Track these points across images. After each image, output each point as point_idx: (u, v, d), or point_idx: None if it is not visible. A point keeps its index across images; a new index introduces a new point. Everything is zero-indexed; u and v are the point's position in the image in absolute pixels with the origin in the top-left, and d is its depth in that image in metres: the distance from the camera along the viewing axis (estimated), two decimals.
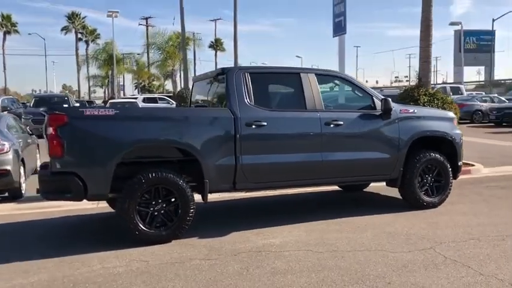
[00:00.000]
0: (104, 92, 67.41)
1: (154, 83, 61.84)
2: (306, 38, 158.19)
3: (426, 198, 6.65)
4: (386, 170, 6.40)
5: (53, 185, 5.00)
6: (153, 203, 5.23)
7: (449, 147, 6.83)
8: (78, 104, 23.76)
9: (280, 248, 5.00)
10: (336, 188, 8.01)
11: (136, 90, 64.13)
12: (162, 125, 5.30)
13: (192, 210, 5.35)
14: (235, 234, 5.55)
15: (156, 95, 33.05)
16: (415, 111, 6.66)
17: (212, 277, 4.25)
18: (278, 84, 6.37)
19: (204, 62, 46.14)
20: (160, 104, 28.20)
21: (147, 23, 58.90)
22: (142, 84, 56.47)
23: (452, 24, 34.85)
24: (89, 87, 59.83)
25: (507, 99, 24.82)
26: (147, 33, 57.87)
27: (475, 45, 62.18)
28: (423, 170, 6.61)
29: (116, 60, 35.38)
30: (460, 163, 6.92)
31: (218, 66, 29.75)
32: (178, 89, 34.71)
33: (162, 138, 5.30)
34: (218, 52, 65.21)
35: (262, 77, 5.95)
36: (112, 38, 37.71)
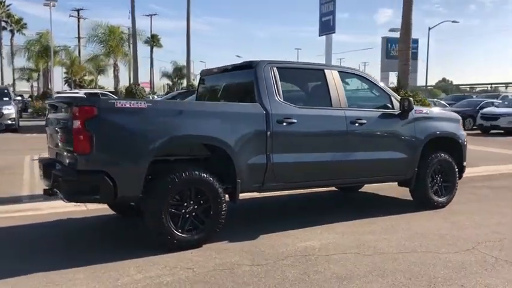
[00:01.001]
0: (32, 86, 63.44)
1: (85, 77, 59.09)
2: (239, 39, 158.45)
3: (436, 198, 6.70)
4: (403, 170, 6.37)
5: (79, 186, 4.41)
6: (185, 204, 4.81)
7: (456, 148, 6.93)
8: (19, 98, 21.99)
9: (324, 251, 4.77)
10: (332, 188, 7.90)
11: (66, 84, 61.04)
12: (196, 120, 4.88)
13: (224, 212, 4.98)
14: (265, 237, 5.24)
15: (97, 91, 31.41)
16: (428, 112, 6.69)
17: (275, 284, 3.93)
18: (303, 80, 6.12)
19: (140, 58, 44.52)
20: None
21: (78, 15, 56.26)
22: (73, 79, 53.70)
23: (391, 30, 36.33)
24: (14, 80, 55.82)
25: (448, 104, 26.16)
26: (78, 25, 55.29)
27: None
28: (434, 170, 6.66)
29: (52, 53, 33.15)
30: (464, 163, 7.05)
31: (155, 63, 28.76)
32: (122, 84, 33.31)
33: (195, 134, 4.88)
34: (155, 48, 63.53)
35: (288, 72, 5.68)
36: (49, 29, 35.37)
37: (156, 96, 38.35)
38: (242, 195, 5.19)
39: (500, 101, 23.85)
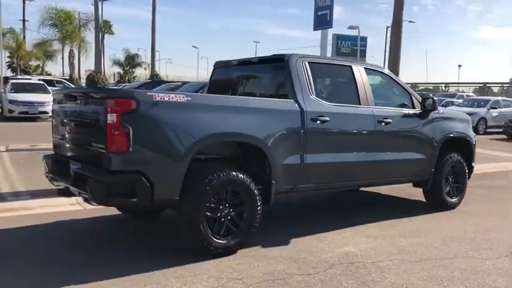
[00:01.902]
0: None
1: (31, 63, 56.13)
2: (192, 29, 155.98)
3: (449, 199, 6.65)
4: (422, 171, 6.25)
5: (113, 187, 3.92)
6: (220, 207, 4.43)
7: (466, 148, 6.90)
8: None
9: (368, 258, 4.53)
10: None
11: (10, 69, 57.67)
12: (236, 116, 4.50)
13: (259, 215, 4.65)
14: (297, 241, 4.95)
15: (53, 78, 29.71)
16: (444, 112, 6.61)
17: None
18: (332, 76, 5.83)
19: (89, 45, 42.53)
20: (58, 88, 25.42)
21: None
22: (18, 63, 50.75)
23: (350, 28, 36.65)
24: None
25: None
26: (23, 7, 52.35)
27: (350, 50, 66.71)
28: (448, 171, 6.60)
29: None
30: (473, 164, 7.05)
31: (106, 50, 27.38)
32: (77, 72, 31.67)
33: (236, 132, 4.49)
34: (106, 35, 61.09)
35: (318, 67, 5.37)
36: None
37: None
38: None
39: (461, 101, 24.66)
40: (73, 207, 6.26)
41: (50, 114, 19.06)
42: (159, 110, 4.02)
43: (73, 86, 26.92)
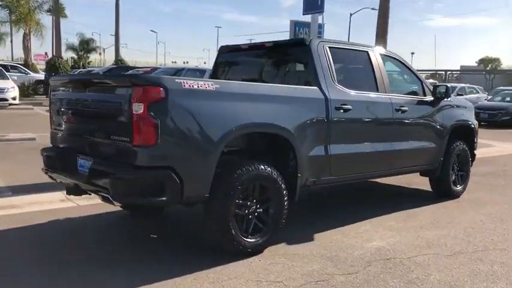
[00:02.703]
0: None
1: None
2: (143, 12, 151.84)
3: (455, 188, 6.57)
4: (433, 159, 6.12)
5: (140, 185, 3.50)
6: (248, 204, 4.10)
7: (470, 136, 6.82)
8: None
9: (401, 253, 4.33)
10: None
11: None
12: (265, 105, 4.15)
13: (286, 211, 4.35)
14: (322, 236, 4.70)
15: (6, 63, 27.95)
16: (451, 99, 6.48)
17: None
18: (350, 62, 5.53)
19: (44, 29, 40.24)
20: (13, 74, 24.00)
21: None
22: None
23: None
24: None
25: None
26: None
27: (307, 36, 67.28)
28: (454, 159, 6.51)
29: None
30: (475, 152, 7.00)
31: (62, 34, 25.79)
32: (33, 56, 29.92)
33: (265, 122, 4.15)
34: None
35: (338, 52, 5.05)
36: None
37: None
38: None
39: None
40: (64, 203, 5.76)
41: (11, 101, 18.09)
42: (188, 98, 3.62)
43: (29, 71, 25.54)
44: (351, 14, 41.63)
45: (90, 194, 4.11)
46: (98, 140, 3.91)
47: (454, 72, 47.68)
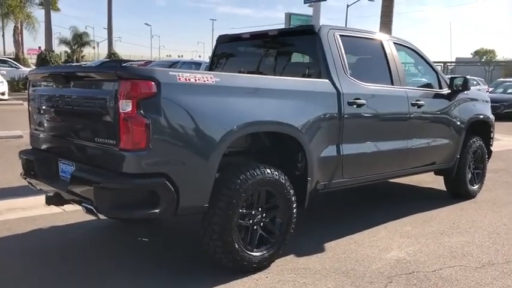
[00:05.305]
0: None
1: None
2: (138, 6, 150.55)
3: (471, 188, 6.12)
4: (449, 157, 5.65)
5: (129, 195, 3.01)
6: (253, 213, 3.62)
7: (486, 132, 6.36)
8: None
9: (424, 265, 3.86)
10: None
11: None
12: (271, 101, 3.66)
13: (295, 219, 3.87)
14: (332, 246, 4.23)
15: None
16: (468, 92, 5.99)
17: None
18: (362, 52, 5.03)
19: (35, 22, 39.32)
20: (2, 68, 23.36)
21: None
22: None
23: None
24: None
25: None
26: None
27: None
28: (470, 156, 6.04)
29: None
30: (491, 148, 6.54)
31: (52, 28, 25.03)
32: (27, 50, 29.17)
33: (272, 120, 3.66)
34: (52, 12, 57.39)
35: (349, 40, 4.56)
36: None
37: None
38: None
39: None
40: (48, 209, 5.17)
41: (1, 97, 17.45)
42: (183, 94, 3.12)
43: (20, 65, 24.90)
44: (347, 6, 40.96)
45: (73, 204, 3.61)
46: (82, 143, 3.41)
47: (449, 64, 47.24)
